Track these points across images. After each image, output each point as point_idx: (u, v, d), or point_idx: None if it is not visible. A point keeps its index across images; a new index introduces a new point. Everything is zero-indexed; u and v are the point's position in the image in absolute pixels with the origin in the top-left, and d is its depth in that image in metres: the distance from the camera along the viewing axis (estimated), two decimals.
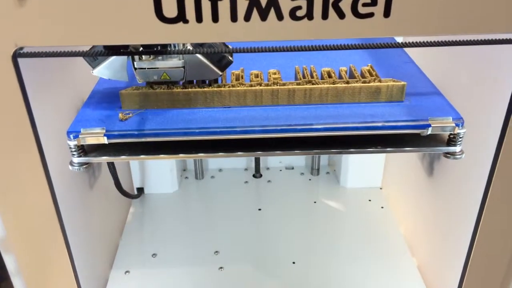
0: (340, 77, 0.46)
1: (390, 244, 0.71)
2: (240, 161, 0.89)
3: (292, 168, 0.89)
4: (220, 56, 0.42)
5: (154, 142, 0.42)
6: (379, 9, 0.31)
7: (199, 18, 0.31)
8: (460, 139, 0.42)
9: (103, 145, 0.42)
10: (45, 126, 0.38)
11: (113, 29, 0.31)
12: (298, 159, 0.90)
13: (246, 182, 0.86)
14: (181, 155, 0.42)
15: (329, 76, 0.46)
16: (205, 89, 0.44)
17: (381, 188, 0.83)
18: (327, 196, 0.82)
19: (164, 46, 0.40)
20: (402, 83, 0.44)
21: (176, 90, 0.43)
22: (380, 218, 0.77)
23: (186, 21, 0.31)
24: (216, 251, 0.71)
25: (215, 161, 0.89)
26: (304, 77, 0.46)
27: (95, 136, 0.40)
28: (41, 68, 0.43)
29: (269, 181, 0.86)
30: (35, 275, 0.42)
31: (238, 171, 0.89)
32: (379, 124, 0.42)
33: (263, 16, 0.31)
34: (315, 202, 0.81)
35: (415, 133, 0.42)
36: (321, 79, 0.45)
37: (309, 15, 0.31)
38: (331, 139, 0.43)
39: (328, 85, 0.44)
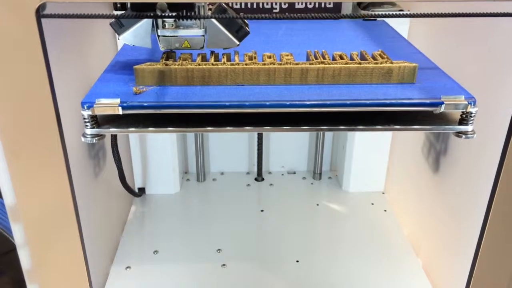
0: (352, 59, 0.47)
1: (394, 245, 0.71)
2: (242, 165, 0.89)
3: (294, 173, 0.89)
4: (238, 26, 0.43)
5: (166, 115, 0.42)
6: None
7: None
8: (472, 118, 0.42)
9: (116, 117, 0.42)
10: (62, 97, 0.38)
11: None
12: (301, 164, 0.90)
13: (248, 185, 0.86)
14: (189, 128, 0.42)
15: (341, 58, 0.47)
16: (219, 66, 0.44)
17: (383, 193, 0.83)
18: (329, 199, 0.82)
19: (187, 12, 0.40)
20: (414, 64, 0.45)
21: (190, 66, 0.44)
22: (383, 221, 0.76)
23: None
24: (219, 249, 0.69)
25: (217, 164, 0.89)
26: (316, 58, 0.46)
27: (110, 107, 0.40)
28: (62, 32, 0.44)
29: (271, 184, 0.86)
30: (41, 248, 0.41)
31: (240, 174, 0.89)
32: (392, 101, 0.42)
33: None
34: (317, 204, 0.81)
35: (427, 112, 0.42)
36: (333, 61, 0.46)
37: None
38: (341, 117, 0.43)
39: (340, 65, 0.45)
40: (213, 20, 0.43)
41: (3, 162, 0.37)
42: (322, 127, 0.44)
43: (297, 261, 0.68)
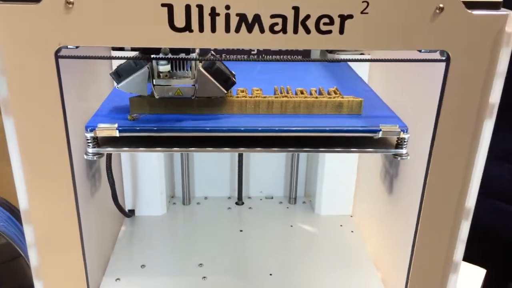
0: (311, 94, 0.57)
1: (358, 261, 0.79)
2: (224, 190, 0.97)
3: (272, 198, 0.98)
4: (226, 77, 0.51)
5: (155, 137, 0.51)
6: (335, 27, 0.42)
7: (201, 29, 0.41)
8: (405, 143, 0.52)
9: (114, 139, 0.51)
10: (71, 122, 0.47)
11: (138, 34, 0.41)
12: (277, 190, 0.98)
13: (229, 208, 0.94)
14: (175, 148, 0.51)
15: (302, 93, 0.57)
16: (198, 99, 0.53)
17: (351, 216, 0.92)
18: (303, 221, 0.90)
19: (182, 64, 0.49)
20: (360, 99, 0.55)
21: (174, 97, 0.53)
22: (350, 240, 0.85)
23: (191, 31, 0.41)
24: (200, 264, 0.77)
25: (201, 189, 0.97)
26: (281, 93, 0.56)
27: (109, 130, 0.49)
28: (74, 69, 0.53)
29: (250, 207, 0.94)
30: (48, 249, 0.49)
31: (222, 199, 0.97)
32: (341, 128, 0.52)
33: (249, 29, 0.41)
34: (291, 226, 0.89)
35: (370, 137, 0.52)
36: (295, 95, 0.56)
37: (284, 30, 0.42)
38: (303, 141, 0.53)
39: (300, 99, 0.55)
40: (204, 71, 0.51)
41: (21, 172, 0.46)
42: (288, 148, 0.53)
43: (270, 274, 0.75)
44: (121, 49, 0.73)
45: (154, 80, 0.51)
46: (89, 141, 0.50)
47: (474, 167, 0.48)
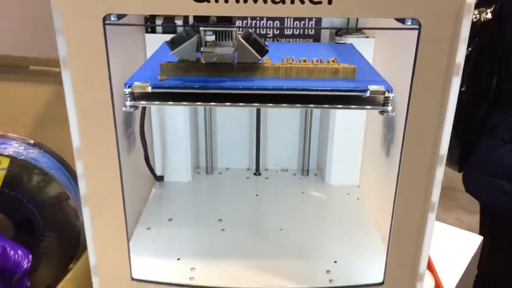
0: (312, 62, 0.67)
1: (361, 222, 0.88)
2: (243, 162, 1.08)
3: (287, 170, 1.08)
4: (261, 46, 0.62)
5: (178, 93, 0.62)
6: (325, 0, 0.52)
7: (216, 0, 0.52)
8: (390, 101, 0.61)
9: (146, 94, 0.62)
10: (114, 78, 0.59)
11: (166, 5, 0.52)
12: (292, 163, 1.08)
13: (248, 177, 1.05)
14: (198, 103, 0.62)
15: (304, 61, 0.67)
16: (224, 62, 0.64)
17: (358, 186, 1.01)
18: (313, 189, 1.00)
19: (223, 34, 0.60)
20: (354, 66, 0.65)
21: (201, 62, 0.64)
22: (355, 205, 0.94)
23: (209, 1, 0.52)
24: (220, 219, 0.88)
25: (223, 161, 1.08)
26: (287, 61, 0.67)
27: (143, 86, 0.61)
28: (118, 36, 0.64)
29: (266, 177, 1.05)
30: (95, 179, 0.61)
31: (242, 170, 1.08)
32: (336, 88, 0.61)
33: (255, 1, 0.52)
34: (303, 192, 0.99)
35: (360, 96, 0.62)
36: (298, 63, 0.66)
37: (283, 1, 0.52)
38: (306, 99, 0.62)
39: (302, 65, 0.65)
40: (243, 41, 0.61)
41: (74, 118, 0.57)
42: (296, 105, 0.63)
43: (281, 229, 0.85)
44: (153, 31, 0.86)
45: (201, 48, 0.61)
46: (127, 95, 0.61)
47: (445, 119, 0.57)
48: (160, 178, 1.00)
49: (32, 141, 0.75)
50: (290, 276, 0.72)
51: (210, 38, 0.60)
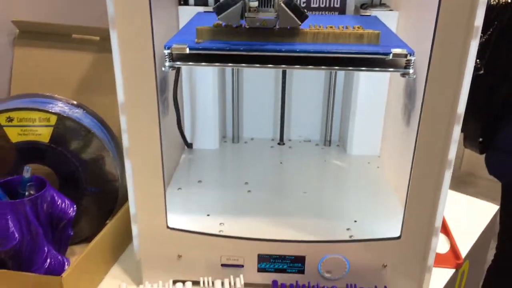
0: (338, 28, 0.71)
1: (380, 186, 0.92)
2: (268, 133, 1.13)
3: (309, 141, 1.12)
4: (301, 12, 0.65)
5: (215, 55, 0.66)
6: None
7: None
8: (411, 64, 0.65)
9: (184, 56, 0.67)
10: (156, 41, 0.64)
11: None
12: (315, 135, 1.12)
13: (272, 147, 1.10)
14: (229, 64, 0.67)
15: (331, 28, 0.71)
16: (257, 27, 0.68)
17: (379, 156, 1.05)
18: (335, 158, 1.04)
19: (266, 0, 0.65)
20: (378, 31, 0.68)
21: (234, 27, 0.68)
22: (374, 172, 0.98)
23: None
24: (246, 182, 0.93)
25: (248, 131, 1.13)
26: (314, 27, 0.71)
27: (181, 48, 0.66)
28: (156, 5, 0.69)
29: (290, 147, 1.10)
30: (135, 134, 0.66)
31: (266, 140, 1.13)
32: (361, 51, 0.65)
33: None
34: (325, 160, 1.03)
35: (383, 59, 0.65)
36: (325, 29, 0.70)
37: None
38: (332, 62, 0.67)
39: (328, 30, 0.69)
40: (284, 6, 0.64)
41: (120, 75, 0.63)
42: (322, 67, 0.67)
43: (304, 192, 0.90)
44: (186, 3, 0.91)
45: (245, 13, 0.66)
46: (166, 56, 0.66)
47: (463, 79, 0.61)
48: (189, 145, 1.06)
49: (75, 102, 0.81)
50: (312, 231, 0.77)
51: (254, 4, 0.65)
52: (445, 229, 0.92)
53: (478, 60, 1.09)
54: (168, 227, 0.74)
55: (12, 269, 0.70)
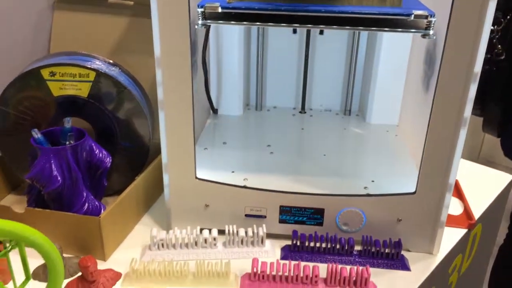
0: None
1: (398, 152, 0.96)
2: (290, 102, 1.17)
3: (330, 110, 1.16)
4: None
5: (245, 14, 0.71)
6: None
7: None
8: (432, 25, 0.68)
9: (217, 14, 0.71)
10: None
11: None
12: (335, 105, 1.16)
13: (294, 114, 1.14)
14: (257, 23, 0.71)
15: None
16: None
17: (397, 125, 1.08)
18: (354, 126, 1.08)
19: None
20: None
21: None
22: (393, 140, 1.01)
23: None
24: (269, 145, 0.98)
25: (271, 99, 1.17)
26: None
27: (213, 7, 0.70)
28: None
29: (311, 115, 1.14)
30: (169, 86, 0.71)
31: (288, 108, 1.17)
32: (384, 12, 0.69)
33: None
34: (344, 128, 1.07)
35: (405, 19, 0.69)
36: None
37: None
38: (355, 22, 0.70)
39: None
40: None
41: (157, 31, 0.68)
42: (346, 27, 0.71)
43: (324, 155, 0.94)
44: None
45: None
46: (199, 15, 0.71)
47: (481, 39, 0.64)
48: (215, 110, 1.11)
49: (111, 61, 0.87)
50: (330, 187, 0.82)
51: None
52: (459, 193, 0.96)
53: (500, 46, 1.11)
54: (196, 177, 0.79)
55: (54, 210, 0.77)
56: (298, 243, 0.78)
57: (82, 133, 0.79)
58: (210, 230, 0.79)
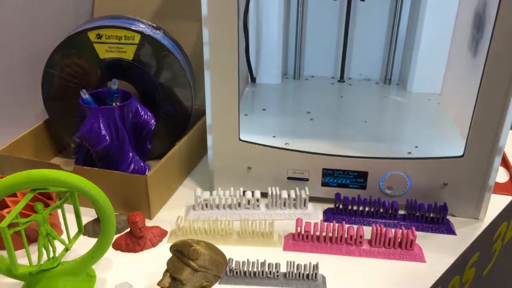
0: None
1: (441, 119, 0.94)
2: (328, 71, 1.16)
3: (369, 80, 1.14)
4: None
5: None
6: None
7: None
8: None
9: None
10: None
11: None
12: (375, 74, 1.14)
13: (332, 84, 1.13)
14: None
15: None
16: None
17: (440, 94, 1.06)
18: (395, 95, 1.06)
19: None
20: None
21: None
22: (435, 108, 0.99)
23: None
24: (308, 111, 0.97)
25: (309, 69, 1.16)
26: None
27: None
28: None
29: (350, 84, 1.12)
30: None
31: (326, 78, 1.16)
32: None
33: None
34: (385, 97, 1.06)
35: None
36: None
37: None
38: None
39: None
40: None
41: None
42: None
43: (365, 122, 0.93)
44: None
45: None
46: None
47: None
48: (253, 78, 1.10)
49: (155, 25, 0.87)
50: (374, 151, 0.81)
51: None
52: (505, 162, 0.93)
53: None
54: (240, 139, 0.79)
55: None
56: (341, 206, 0.78)
57: (128, 94, 0.80)
58: (252, 192, 0.80)
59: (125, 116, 0.78)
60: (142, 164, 0.81)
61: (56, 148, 0.96)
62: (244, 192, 0.80)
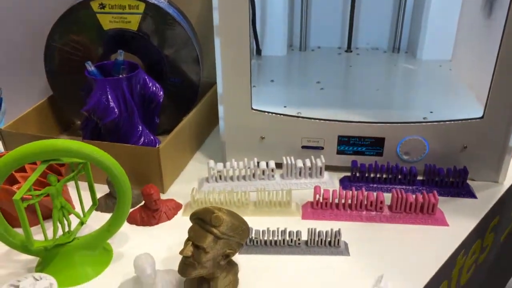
0: None
1: (454, 84, 0.92)
2: (335, 41, 1.13)
3: (377, 49, 1.12)
4: None
5: None
6: None
7: None
8: None
9: None
10: None
11: None
12: (383, 43, 1.12)
13: (340, 54, 1.10)
14: None
15: None
16: None
17: (450, 60, 1.03)
18: (405, 62, 1.04)
19: None
20: None
21: None
22: (447, 74, 0.97)
23: None
24: (318, 81, 0.95)
25: (315, 40, 1.13)
26: None
27: None
28: None
29: (357, 54, 1.10)
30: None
31: (333, 48, 1.13)
32: None
33: None
34: (395, 65, 1.03)
35: None
36: None
37: None
38: None
39: None
40: None
41: None
42: None
43: (377, 90, 0.91)
44: None
45: None
46: None
47: None
48: (259, 51, 1.08)
49: None
50: (389, 117, 0.79)
51: None
52: None
53: None
54: (252, 108, 0.77)
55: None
56: (358, 174, 0.77)
57: (135, 66, 0.78)
58: (267, 162, 0.78)
59: (133, 88, 0.76)
60: (152, 137, 0.79)
61: (62, 127, 0.93)
62: (258, 162, 0.78)
